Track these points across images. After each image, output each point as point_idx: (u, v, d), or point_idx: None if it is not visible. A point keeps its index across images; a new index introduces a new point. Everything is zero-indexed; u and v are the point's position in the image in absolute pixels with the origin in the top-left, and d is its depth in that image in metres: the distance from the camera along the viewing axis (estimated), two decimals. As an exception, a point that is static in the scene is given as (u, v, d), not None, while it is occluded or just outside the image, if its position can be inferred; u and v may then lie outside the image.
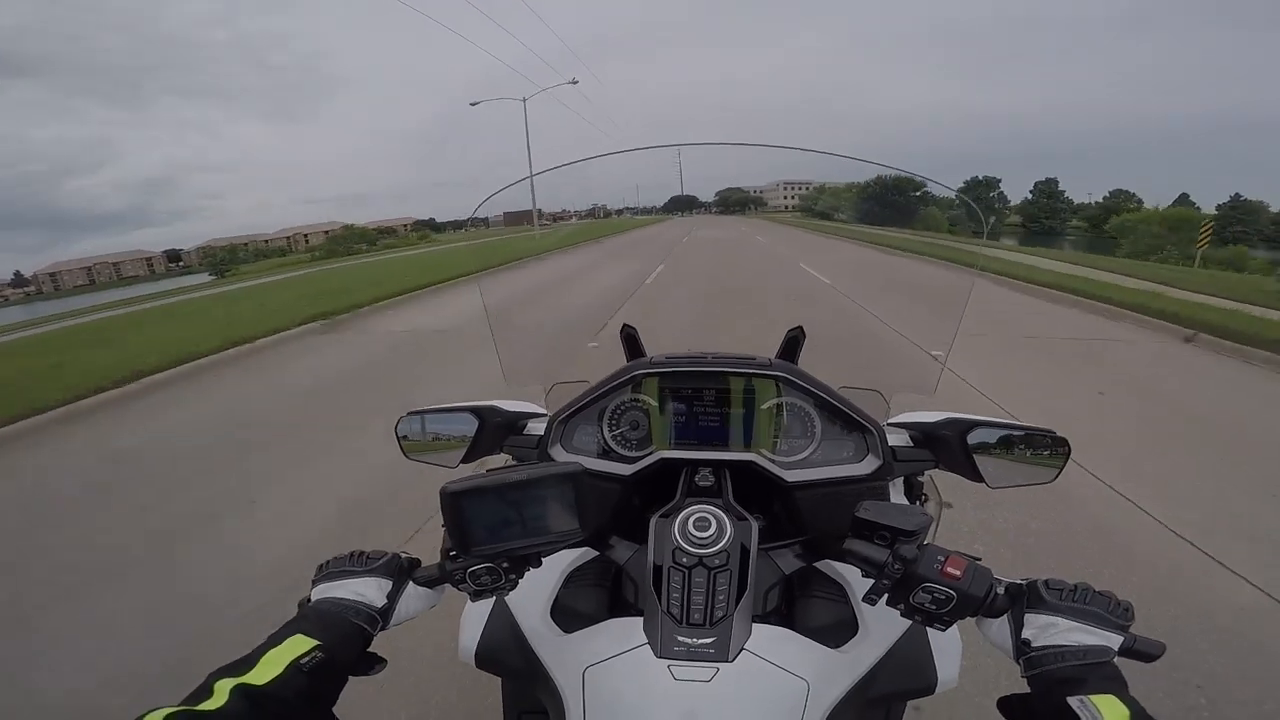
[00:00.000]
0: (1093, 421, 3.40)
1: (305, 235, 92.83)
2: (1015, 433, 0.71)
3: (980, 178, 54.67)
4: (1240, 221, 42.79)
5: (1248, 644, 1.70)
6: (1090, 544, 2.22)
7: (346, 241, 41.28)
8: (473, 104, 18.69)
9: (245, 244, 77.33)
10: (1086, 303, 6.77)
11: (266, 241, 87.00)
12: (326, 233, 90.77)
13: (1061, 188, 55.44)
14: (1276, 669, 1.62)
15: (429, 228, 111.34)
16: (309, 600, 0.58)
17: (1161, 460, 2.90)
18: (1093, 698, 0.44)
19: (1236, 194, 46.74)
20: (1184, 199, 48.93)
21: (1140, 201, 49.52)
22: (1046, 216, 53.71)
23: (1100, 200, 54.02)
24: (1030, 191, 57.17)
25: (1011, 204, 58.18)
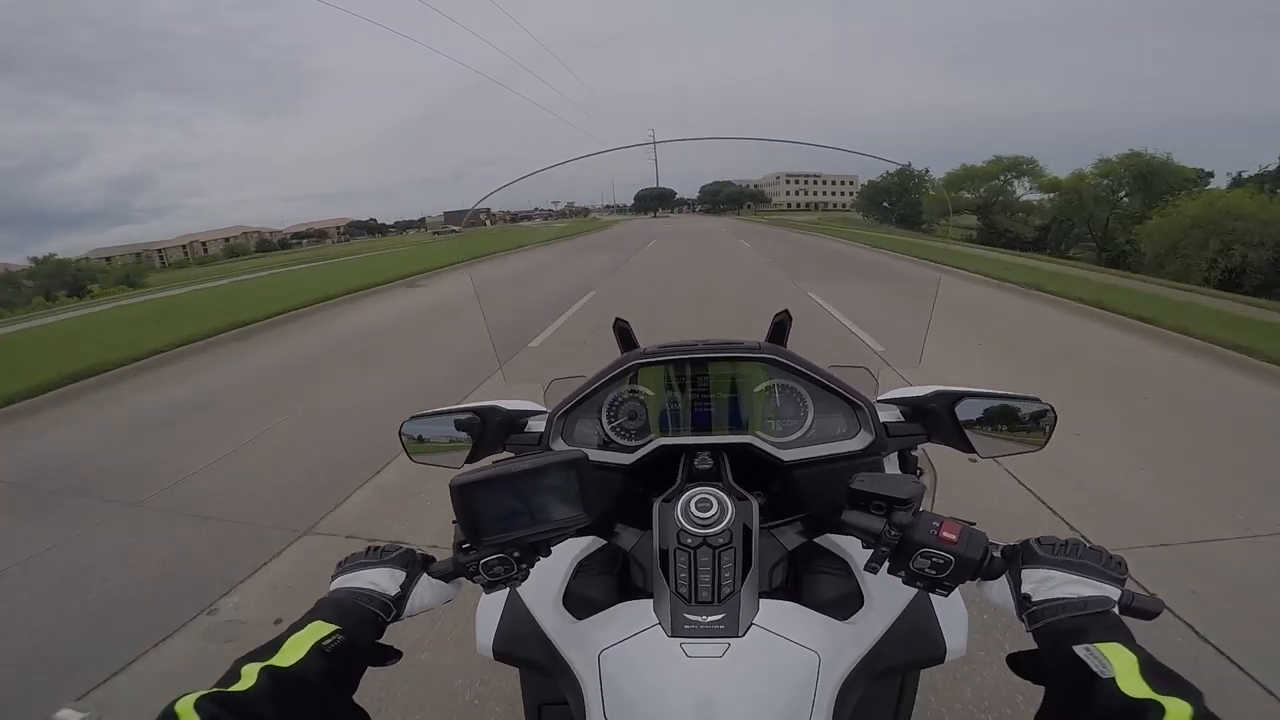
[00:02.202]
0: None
1: (204, 243, 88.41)
2: (1002, 402, 0.78)
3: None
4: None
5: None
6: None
7: (55, 276, 27.34)
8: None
9: (138, 254, 72.14)
10: None
11: (161, 252, 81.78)
12: (228, 240, 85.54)
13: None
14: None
15: (367, 230, 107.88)
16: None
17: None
18: (1099, 646, 0.47)
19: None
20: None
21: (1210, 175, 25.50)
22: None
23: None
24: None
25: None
